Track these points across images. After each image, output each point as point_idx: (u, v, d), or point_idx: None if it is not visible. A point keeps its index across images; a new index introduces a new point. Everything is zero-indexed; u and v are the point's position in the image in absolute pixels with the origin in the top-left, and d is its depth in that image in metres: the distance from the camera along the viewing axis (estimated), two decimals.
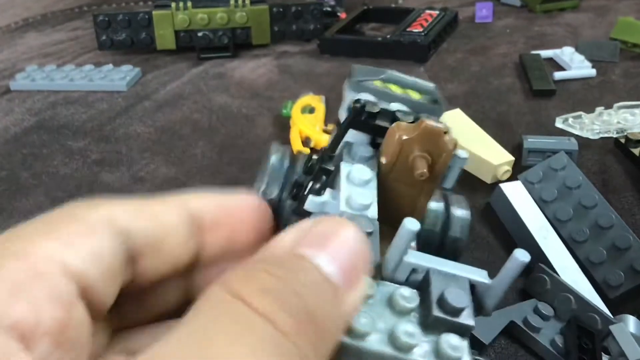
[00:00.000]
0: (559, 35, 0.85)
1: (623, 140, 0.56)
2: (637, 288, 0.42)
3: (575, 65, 0.73)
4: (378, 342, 0.17)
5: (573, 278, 0.41)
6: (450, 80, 0.74)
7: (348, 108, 0.23)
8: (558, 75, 0.72)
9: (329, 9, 0.90)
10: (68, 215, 0.17)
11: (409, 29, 0.82)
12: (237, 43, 0.84)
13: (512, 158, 0.54)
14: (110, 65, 0.80)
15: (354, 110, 0.22)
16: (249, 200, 0.21)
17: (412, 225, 0.18)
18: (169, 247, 0.19)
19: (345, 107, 0.23)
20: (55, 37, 0.98)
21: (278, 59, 0.83)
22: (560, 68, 0.75)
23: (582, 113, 0.62)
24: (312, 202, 0.21)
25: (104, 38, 0.84)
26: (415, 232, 0.18)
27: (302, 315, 0.13)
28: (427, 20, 0.85)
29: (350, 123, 0.23)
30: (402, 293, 0.18)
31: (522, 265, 0.18)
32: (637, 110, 0.61)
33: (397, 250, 0.18)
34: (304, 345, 0.13)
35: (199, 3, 0.83)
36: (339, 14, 0.90)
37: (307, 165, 0.23)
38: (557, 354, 0.37)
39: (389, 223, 0.20)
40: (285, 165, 0.23)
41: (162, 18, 0.83)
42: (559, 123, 0.61)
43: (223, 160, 0.61)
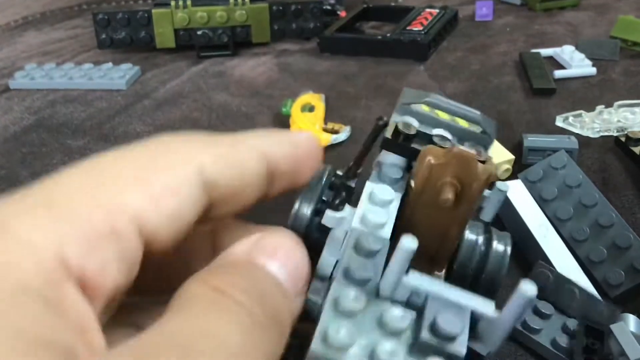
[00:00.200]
0: (559, 34, 0.85)
1: (623, 139, 0.56)
2: (637, 287, 0.41)
3: (576, 64, 0.73)
4: (356, 357, 0.16)
5: (573, 277, 0.41)
6: (450, 79, 0.74)
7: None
8: (558, 74, 0.72)
9: (329, 7, 0.90)
10: (159, 159, 0.17)
11: (409, 28, 0.82)
12: (236, 41, 0.84)
13: (512, 157, 0.54)
14: (110, 64, 0.80)
15: (374, 128, 0.22)
16: (311, 141, 0.21)
17: (409, 244, 0.17)
18: (244, 197, 0.19)
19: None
20: (55, 35, 0.97)
21: (278, 57, 0.83)
22: (561, 66, 0.75)
23: (582, 111, 0.62)
24: (329, 217, 0.20)
25: (104, 36, 0.84)
26: (413, 250, 0.17)
27: (268, 310, 0.16)
28: (427, 19, 0.85)
29: (373, 140, 0.22)
30: (392, 312, 0.17)
31: (529, 300, 0.16)
32: (637, 109, 0.61)
33: (394, 269, 0.17)
34: (272, 335, 0.16)
35: (199, 1, 0.83)
36: (339, 13, 0.90)
37: (330, 181, 0.22)
38: (559, 354, 0.37)
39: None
40: (323, 183, 0.23)
41: (161, 16, 0.83)
42: (559, 121, 0.61)
43: None
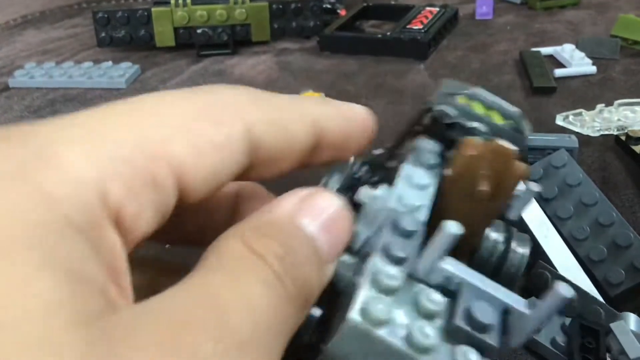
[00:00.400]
0: (560, 32, 0.85)
1: (623, 138, 0.56)
2: (637, 286, 0.41)
3: (576, 63, 0.73)
4: (392, 334, 0.16)
5: (573, 276, 0.41)
6: (451, 78, 0.74)
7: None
8: (558, 73, 0.71)
9: (329, 6, 0.89)
10: (208, 111, 0.17)
11: (409, 26, 0.82)
12: (236, 40, 0.84)
13: None
14: (110, 63, 0.80)
15: (419, 113, 0.21)
16: (365, 116, 0.21)
17: (453, 229, 0.17)
18: (285, 163, 0.19)
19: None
20: (54, 34, 0.97)
21: (278, 56, 0.83)
22: (561, 65, 0.74)
23: (582, 110, 0.62)
24: (364, 193, 0.20)
25: (103, 35, 0.84)
26: (457, 236, 0.17)
27: (300, 283, 0.16)
28: (427, 17, 0.84)
29: (415, 123, 0.22)
30: (428, 294, 0.17)
31: (563, 300, 0.16)
32: (637, 108, 0.60)
33: (433, 253, 0.17)
34: (299, 308, 0.16)
35: (198, 0, 0.82)
36: (339, 11, 0.90)
37: (366, 159, 0.22)
38: (558, 354, 0.37)
39: None
40: (352, 161, 0.22)
41: (161, 15, 0.83)
42: (560, 120, 0.61)
43: None
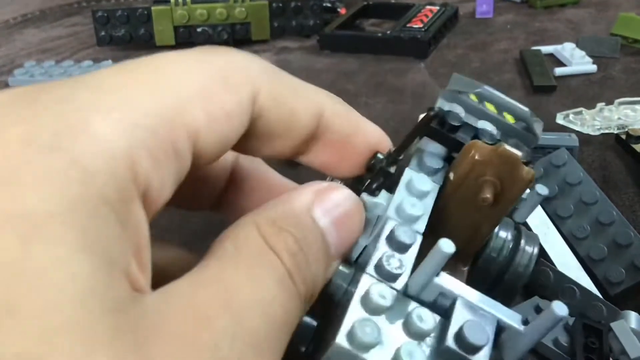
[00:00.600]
0: (560, 31, 0.85)
1: (624, 137, 0.56)
2: (638, 285, 0.41)
3: (576, 61, 0.73)
4: (379, 357, 0.16)
5: (574, 275, 0.41)
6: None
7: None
8: (559, 71, 0.71)
9: (329, 5, 0.89)
10: (221, 75, 0.17)
11: (409, 25, 0.82)
12: (236, 39, 0.84)
13: None
14: (109, 61, 0.80)
15: (425, 117, 0.21)
16: (374, 133, 0.21)
17: (447, 247, 0.16)
18: (283, 143, 0.19)
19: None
20: (54, 33, 0.97)
21: (278, 55, 0.83)
22: (561, 64, 0.74)
23: (582, 109, 0.62)
24: (364, 201, 0.20)
25: (103, 34, 0.84)
26: (450, 255, 0.17)
27: (309, 282, 0.16)
28: (427, 16, 0.84)
29: (422, 130, 0.21)
30: (419, 314, 0.17)
31: (558, 320, 0.16)
32: (638, 106, 0.60)
33: (426, 270, 0.17)
34: (303, 306, 0.16)
35: None
36: (339, 10, 0.90)
37: (369, 163, 0.22)
38: (561, 354, 0.37)
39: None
40: None
41: (161, 14, 0.83)
42: (560, 119, 0.61)
43: None
